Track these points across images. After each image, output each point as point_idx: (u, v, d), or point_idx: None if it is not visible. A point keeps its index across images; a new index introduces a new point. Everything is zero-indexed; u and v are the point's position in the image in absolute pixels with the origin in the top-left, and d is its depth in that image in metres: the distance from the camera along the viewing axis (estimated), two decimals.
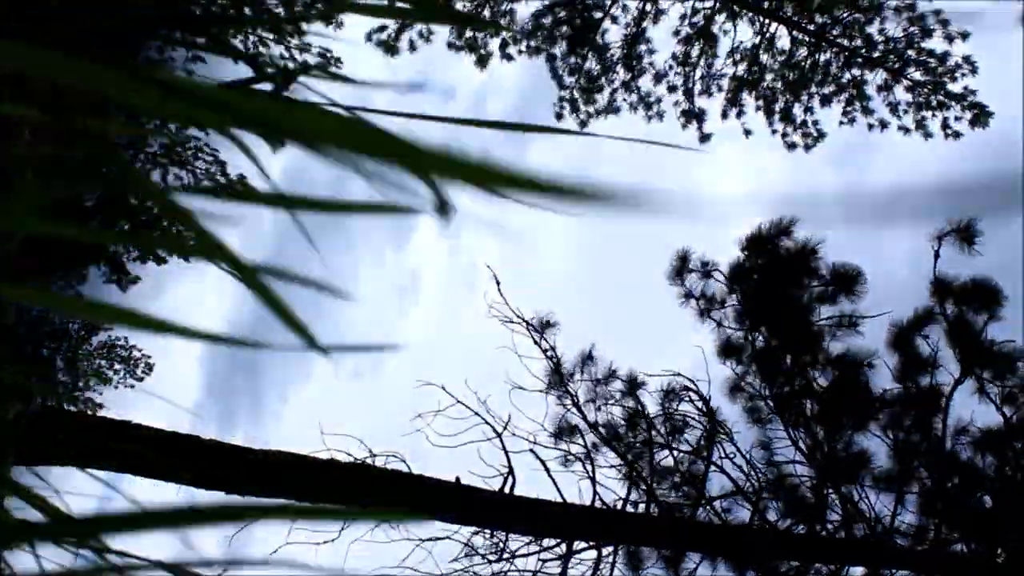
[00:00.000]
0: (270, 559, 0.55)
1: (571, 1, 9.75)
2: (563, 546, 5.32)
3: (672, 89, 10.30)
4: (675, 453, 5.88)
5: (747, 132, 10.35)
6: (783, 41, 9.98)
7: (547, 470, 5.50)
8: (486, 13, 9.98)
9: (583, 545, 5.38)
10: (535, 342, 6.06)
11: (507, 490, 5.03)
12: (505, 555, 5.34)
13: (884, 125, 9.83)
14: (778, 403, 5.74)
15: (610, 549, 5.49)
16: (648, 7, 9.93)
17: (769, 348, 5.84)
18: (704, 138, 10.40)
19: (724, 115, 10.33)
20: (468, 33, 10.05)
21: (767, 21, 9.86)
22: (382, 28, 9.93)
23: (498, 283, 5.91)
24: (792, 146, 10.22)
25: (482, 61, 10.20)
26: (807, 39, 9.81)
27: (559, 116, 10.50)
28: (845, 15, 9.51)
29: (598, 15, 9.93)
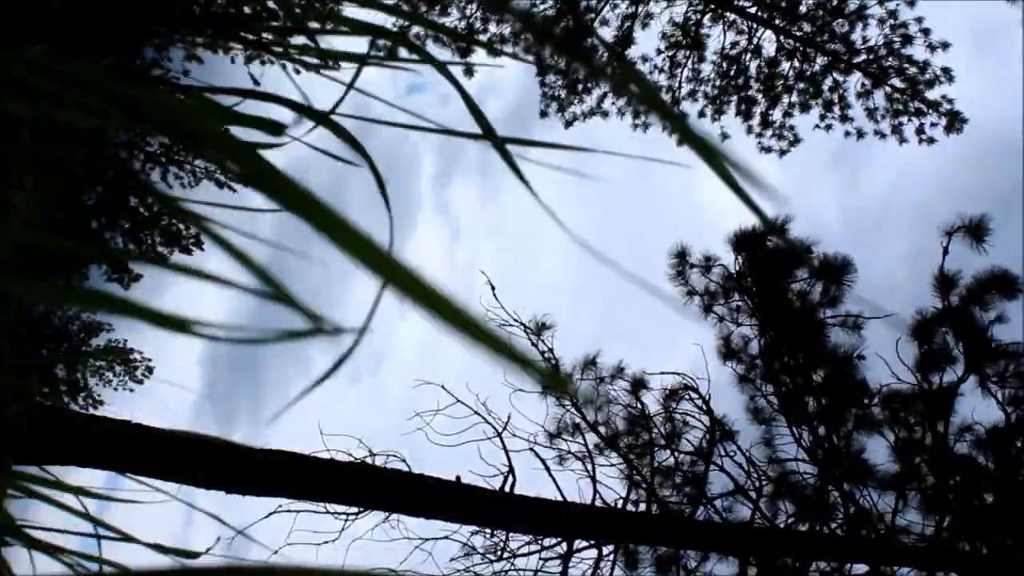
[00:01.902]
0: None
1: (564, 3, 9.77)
2: (563, 545, 5.32)
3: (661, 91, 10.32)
4: (675, 453, 5.88)
5: (724, 135, 10.37)
6: (769, 46, 10.05)
7: (547, 469, 5.50)
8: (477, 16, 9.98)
9: (584, 544, 5.38)
10: (532, 344, 6.08)
11: (507, 489, 5.03)
12: (505, 554, 5.34)
13: (861, 134, 9.91)
14: (781, 401, 5.74)
15: (611, 548, 5.49)
16: (639, 9, 9.96)
17: (771, 345, 5.84)
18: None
19: (701, 114, 10.36)
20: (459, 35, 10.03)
21: (754, 26, 9.91)
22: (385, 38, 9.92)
23: (493, 288, 5.95)
24: (781, 152, 10.29)
25: (469, 70, 10.18)
26: (793, 44, 9.86)
27: (543, 114, 10.51)
28: (830, 19, 9.57)
29: (590, 16, 9.95)
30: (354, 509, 4.83)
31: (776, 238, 5.82)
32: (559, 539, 5.27)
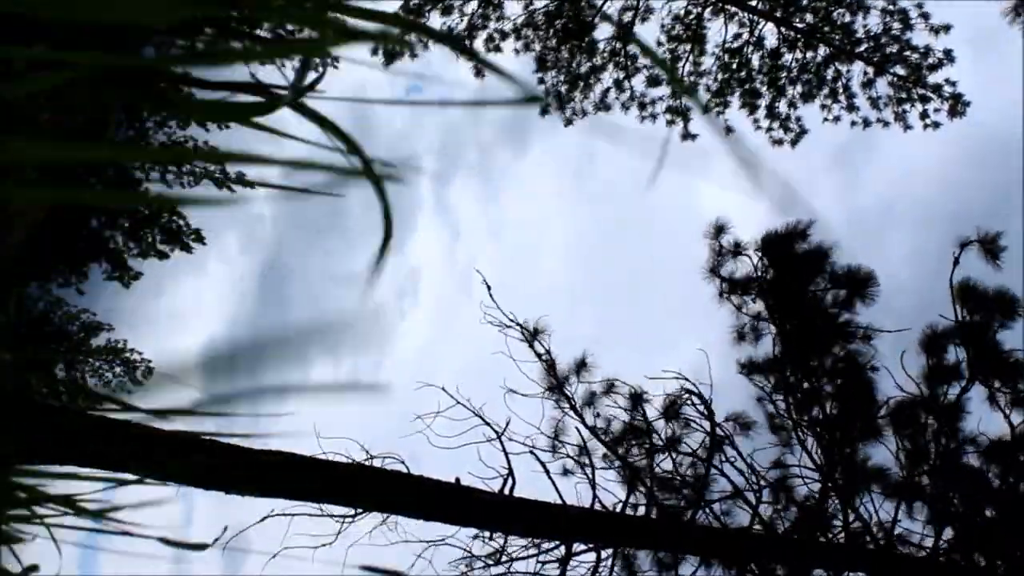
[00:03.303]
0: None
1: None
2: (562, 548, 5.31)
3: (655, 82, 10.28)
4: (675, 457, 5.86)
5: (728, 129, 10.34)
6: (771, 38, 10.04)
7: (547, 472, 5.49)
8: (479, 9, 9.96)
9: (582, 547, 5.37)
10: (530, 346, 6.04)
11: (507, 492, 5.02)
12: (503, 559, 5.32)
13: (868, 123, 9.91)
14: (790, 407, 5.72)
15: (609, 552, 5.48)
16: (639, 3, 9.95)
17: (784, 349, 5.80)
18: (689, 136, 10.41)
19: (706, 108, 10.33)
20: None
21: (755, 18, 9.90)
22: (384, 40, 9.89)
23: (489, 288, 5.88)
24: (792, 142, 10.26)
25: (479, 72, 10.13)
26: (795, 36, 9.86)
27: (544, 112, 10.47)
28: (833, 9, 9.58)
29: (590, 13, 9.94)
30: (352, 510, 4.83)
31: (802, 242, 5.80)
32: (558, 543, 5.26)
